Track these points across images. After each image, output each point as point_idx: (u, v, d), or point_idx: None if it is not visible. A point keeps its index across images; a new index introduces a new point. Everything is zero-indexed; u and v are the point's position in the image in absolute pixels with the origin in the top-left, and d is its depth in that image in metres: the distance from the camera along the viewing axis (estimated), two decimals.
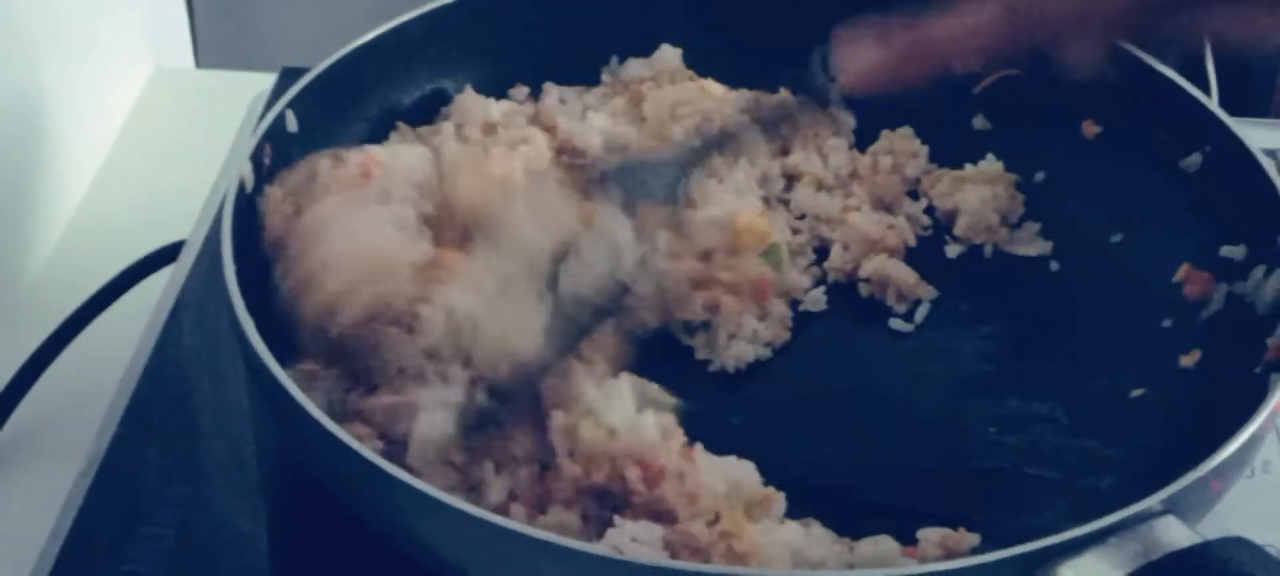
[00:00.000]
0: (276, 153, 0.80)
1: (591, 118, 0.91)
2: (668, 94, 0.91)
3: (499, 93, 0.92)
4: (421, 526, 0.66)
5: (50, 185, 1.05)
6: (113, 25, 1.16)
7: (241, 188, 0.78)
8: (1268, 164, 0.81)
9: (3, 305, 0.98)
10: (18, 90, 1.01)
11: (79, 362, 0.91)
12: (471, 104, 0.90)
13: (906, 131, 0.94)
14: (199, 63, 1.36)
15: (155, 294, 0.90)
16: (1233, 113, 0.85)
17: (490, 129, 0.89)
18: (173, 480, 0.78)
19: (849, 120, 0.94)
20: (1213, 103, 0.86)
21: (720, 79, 0.93)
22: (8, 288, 1.00)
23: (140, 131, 1.15)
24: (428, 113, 0.91)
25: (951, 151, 0.93)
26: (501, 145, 0.88)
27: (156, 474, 0.79)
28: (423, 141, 0.87)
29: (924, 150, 0.94)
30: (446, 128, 0.89)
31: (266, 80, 1.03)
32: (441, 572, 0.68)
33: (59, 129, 1.05)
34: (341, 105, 0.87)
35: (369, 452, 0.66)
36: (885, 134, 0.94)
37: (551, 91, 0.93)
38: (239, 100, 1.05)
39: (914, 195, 0.92)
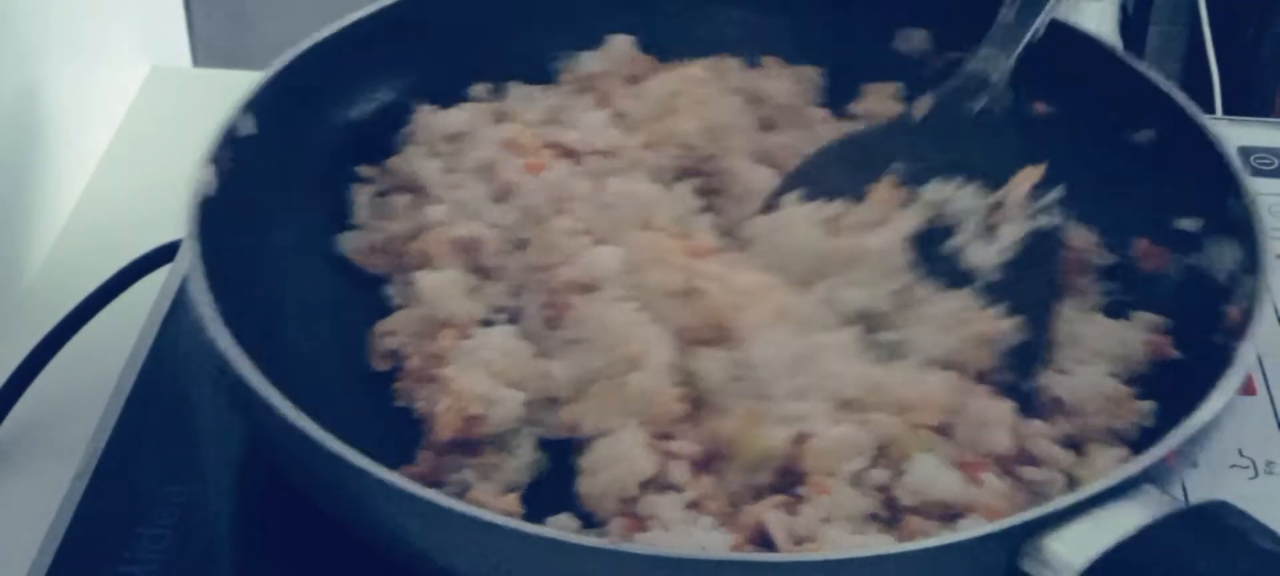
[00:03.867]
0: (235, 155, 0.79)
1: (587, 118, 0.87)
2: (656, 87, 0.87)
3: (452, 93, 0.89)
4: (401, 524, 0.64)
5: (47, 184, 1.04)
6: (110, 24, 1.14)
7: (203, 192, 0.76)
8: (1217, 135, 0.79)
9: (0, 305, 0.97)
10: (15, 89, 1.00)
11: (76, 362, 0.90)
12: (430, 120, 0.87)
13: (893, 88, 0.90)
14: (196, 61, 1.35)
15: (152, 293, 0.88)
16: (1236, 113, 0.82)
17: (455, 139, 0.86)
18: (171, 480, 0.76)
19: (815, 76, 0.91)
20: (1160, 76, 0.84)
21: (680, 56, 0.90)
22: (5, 287, 0.98)
23: (137, 130, 1.14)
24: (385, 113, 0.88)
25: None
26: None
27: (154, 473, 0.77)
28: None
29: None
30: (413, 151, 0.86)
31: None
32: (425, 570, 0.66)
33: (56, 128, 1.04)
34: (300, 104, 0.85)
35: (351, 452, 0.63)
36: (868, 89, 0.90)
37: (515, 90, 0.89)
38: (236, 99, 1.02)
39: None
